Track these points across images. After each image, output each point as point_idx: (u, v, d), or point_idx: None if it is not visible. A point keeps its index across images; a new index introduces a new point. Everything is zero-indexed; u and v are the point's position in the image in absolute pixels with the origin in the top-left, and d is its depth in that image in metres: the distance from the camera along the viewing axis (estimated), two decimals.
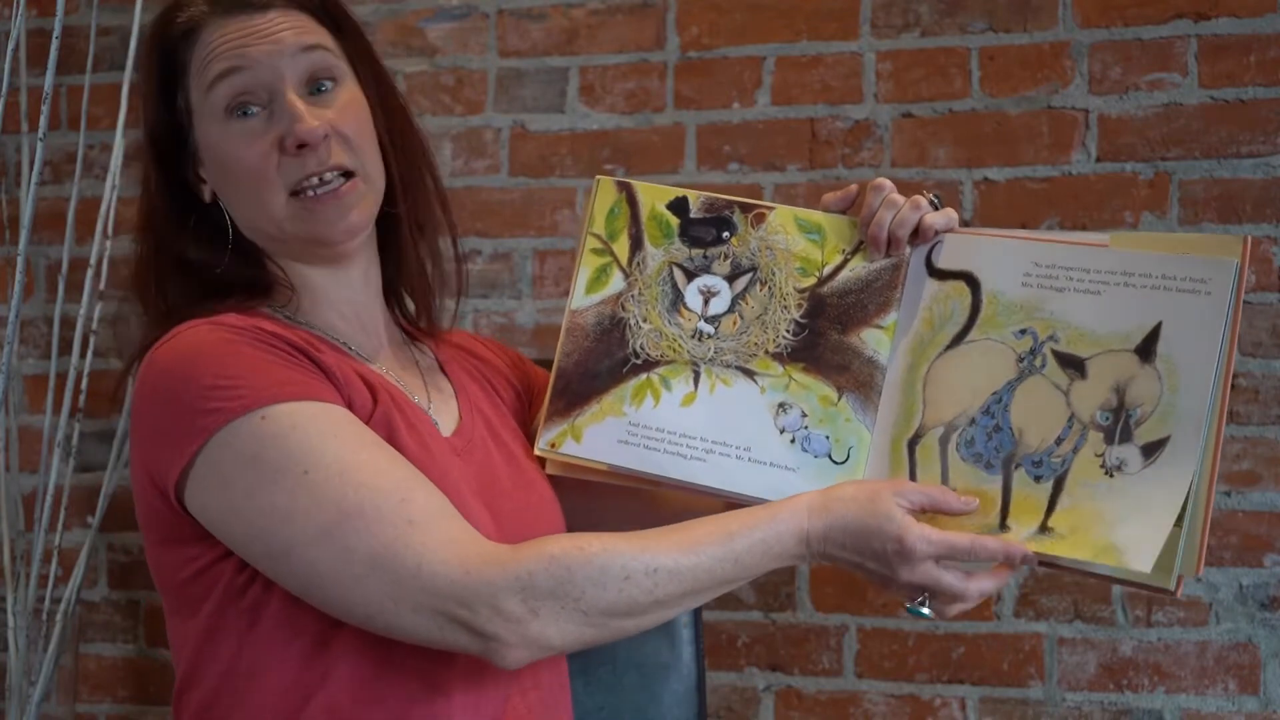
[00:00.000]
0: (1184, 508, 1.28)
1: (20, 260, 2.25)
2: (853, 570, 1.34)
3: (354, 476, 1.27)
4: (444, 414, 1.46)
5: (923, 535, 1.30)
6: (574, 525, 1.54)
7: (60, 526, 2.45)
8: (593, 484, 1.50)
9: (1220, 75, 2.17)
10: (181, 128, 1.41)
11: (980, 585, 1.32)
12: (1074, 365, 1.35)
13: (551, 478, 1.50)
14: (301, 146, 1.37)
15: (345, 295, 1.45)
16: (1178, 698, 2.17)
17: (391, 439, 1.34)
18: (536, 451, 1.48)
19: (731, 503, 1.43)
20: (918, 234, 1.43)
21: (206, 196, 1.43)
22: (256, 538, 1.29)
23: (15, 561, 2.45)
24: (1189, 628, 2.17)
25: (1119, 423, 1.32)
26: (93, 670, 2.59)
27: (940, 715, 2.25)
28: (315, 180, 1.38)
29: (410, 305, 1.54)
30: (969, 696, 2.24)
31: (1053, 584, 2.21)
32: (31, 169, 2.39)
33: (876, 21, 2.30)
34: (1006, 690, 2.23)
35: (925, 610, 1.33)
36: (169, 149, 1.42)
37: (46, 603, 2.45)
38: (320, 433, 1.28)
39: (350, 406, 1.34)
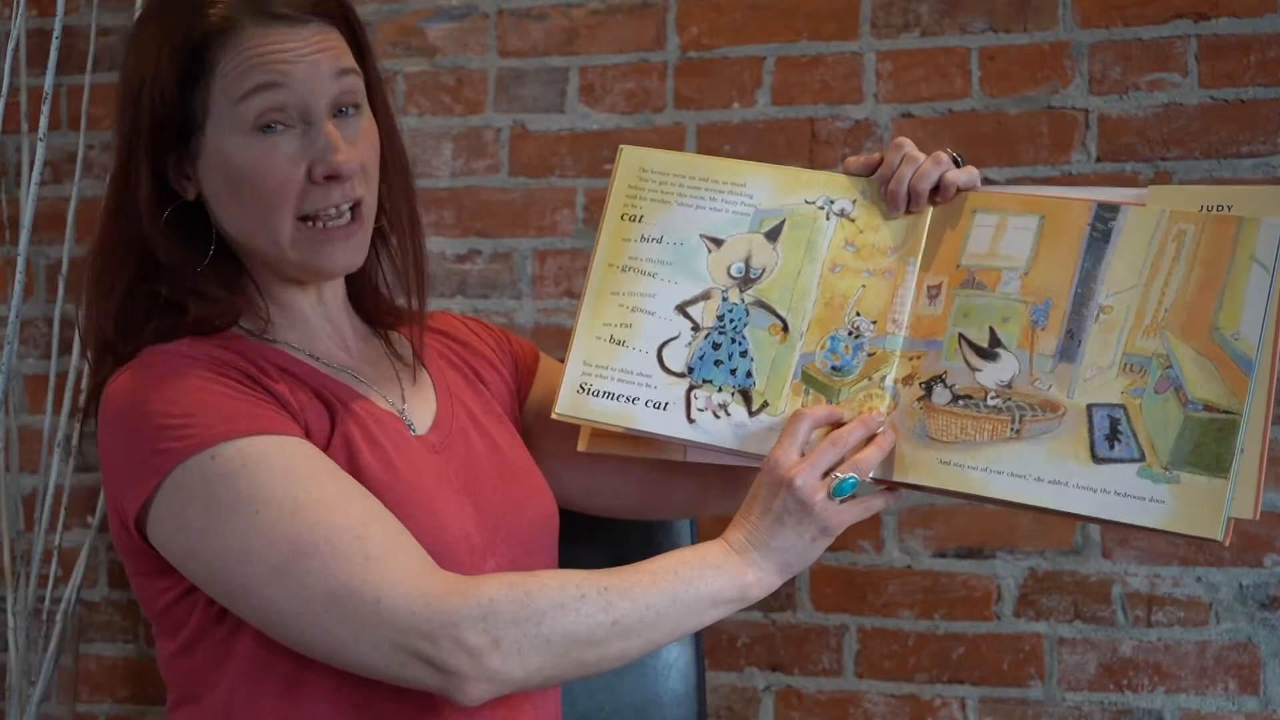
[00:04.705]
0: (1229, 454, 1.29)
1: (20, 260, 2.25)
2: (806, 550, 1.33)
3: (307, 514, 1.26)
4: (420, 410, 1.44)
5: (799, 469, 1.31)
6: (574, 506, 1.54)
7: (60, 526, 2.46)
8: (595, 463, 1.51)
9: (1220, 75, 2.17)
10: (188, 123, 1.35)
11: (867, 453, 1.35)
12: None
13: (544, 462, 1.51)
14: (331, 178, 1.35)
15: (319, 310, 1.44)
16: (1178, 698, 2.17)
17: (352, 461, 1.33)
18: (554, 415, 1.47)
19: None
20: (938, 190, 1.42)
21: (190, 194, 1.38)
22: (215, 578, 1.28)
23: (15, 561, 2.45)
24: (1189, 628, 2.17)
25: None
26: (93, 670, 2.59)
27: (940, 715, 2.25)
28: (333, 211, 1.36)
29: (380, 296, 1.52)
30: (969, 696, 2.24)
31: (1053, 584, 2.21)
32: (31, 169, 2.39)
33: (876, 21, 2.30)
34: (1006, 690, 2.23)
35: (849, 477, 1.33)
36: (166, 140, 1.36)
37: (46, 603, 2.46)
38: (271, 469, 1.27)
39: (307, 432, 1.32)
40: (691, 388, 1.44)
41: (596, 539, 1.63)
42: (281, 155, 1.34)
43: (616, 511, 1.58)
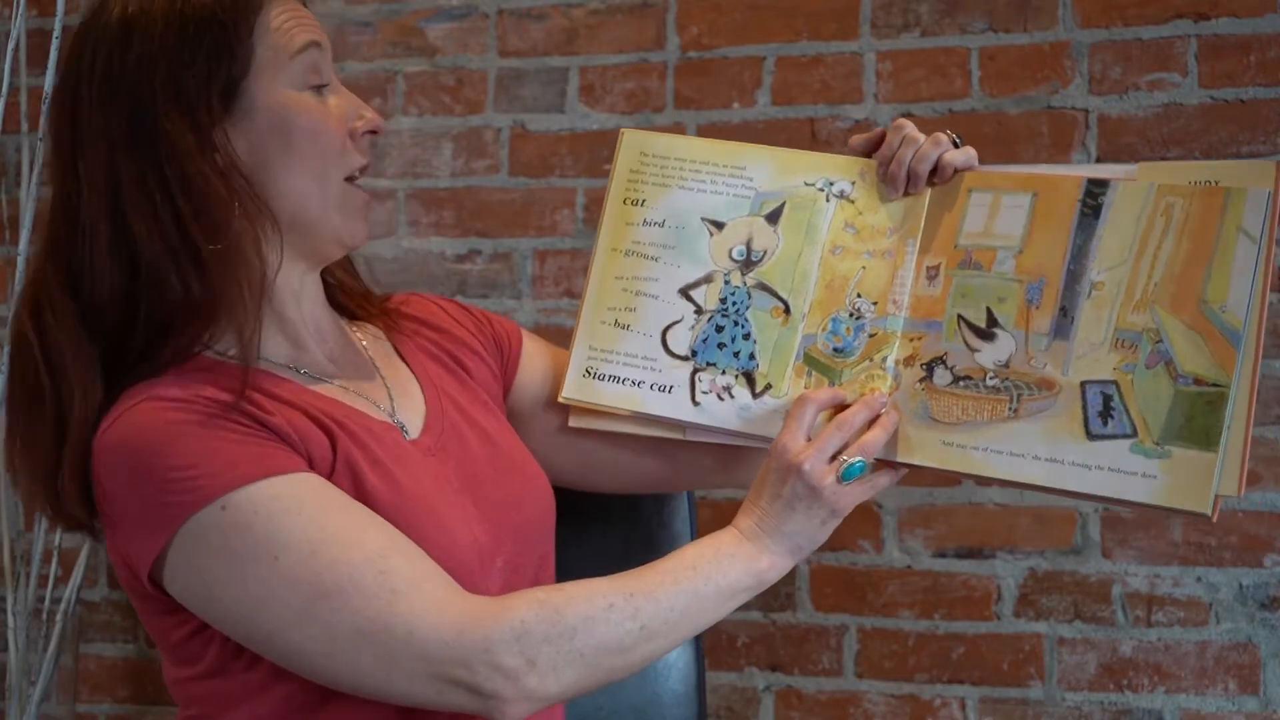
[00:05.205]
0: (1218, 428, 1.28)
1: (20, 260, 2.25)
2: (816, 532, 1.34)
3: (326, 554, 1.24)
4: (409, 410, 1.43)
5: (807, 454, 1.32)
6: (569, 484, 1.54)
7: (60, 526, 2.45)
8: (588, 441, 1.51)
9: (1220, 75, 2.17)
10: (234, 82, 1.32)
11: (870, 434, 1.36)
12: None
13: (535, 443, 1.51)
14: (371, 133, 1.38)
15: (298, 310, 1.40)
16: (1178, 698, 2.17)
17: (357, 486, 1.31)
18: (561, 399, 1.49)
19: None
20: (936, 172, 1.43)
21: (244, 161, 1.33)
22: (238, 624, 1.27)
23: (15, 561, 2.45)
24: (1189, 628, 2.17)
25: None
26: (93, 670, 2.59)
27: (940, 715, 2.25)
28: (366, 172, 1.39)
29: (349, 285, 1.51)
30: (969, 696, 2.24)
31: (1053, 584, 2.21)
32: (31, 169, 2.39)
33: (876, 21, 2.30)
34: (1006, 690, 2.23)
35: (857, 461, 1.34)
36: (203, 105, 1.31)
37: (46, 603, 2.46)
38: (284, 512, 1.25)
39: (310, 462, 1.30)
40: (696, 370, 1.45)
41: (595, 523, 1.64)
42: (333, 111, 1.36)
43: (612, 487, 1.57)
